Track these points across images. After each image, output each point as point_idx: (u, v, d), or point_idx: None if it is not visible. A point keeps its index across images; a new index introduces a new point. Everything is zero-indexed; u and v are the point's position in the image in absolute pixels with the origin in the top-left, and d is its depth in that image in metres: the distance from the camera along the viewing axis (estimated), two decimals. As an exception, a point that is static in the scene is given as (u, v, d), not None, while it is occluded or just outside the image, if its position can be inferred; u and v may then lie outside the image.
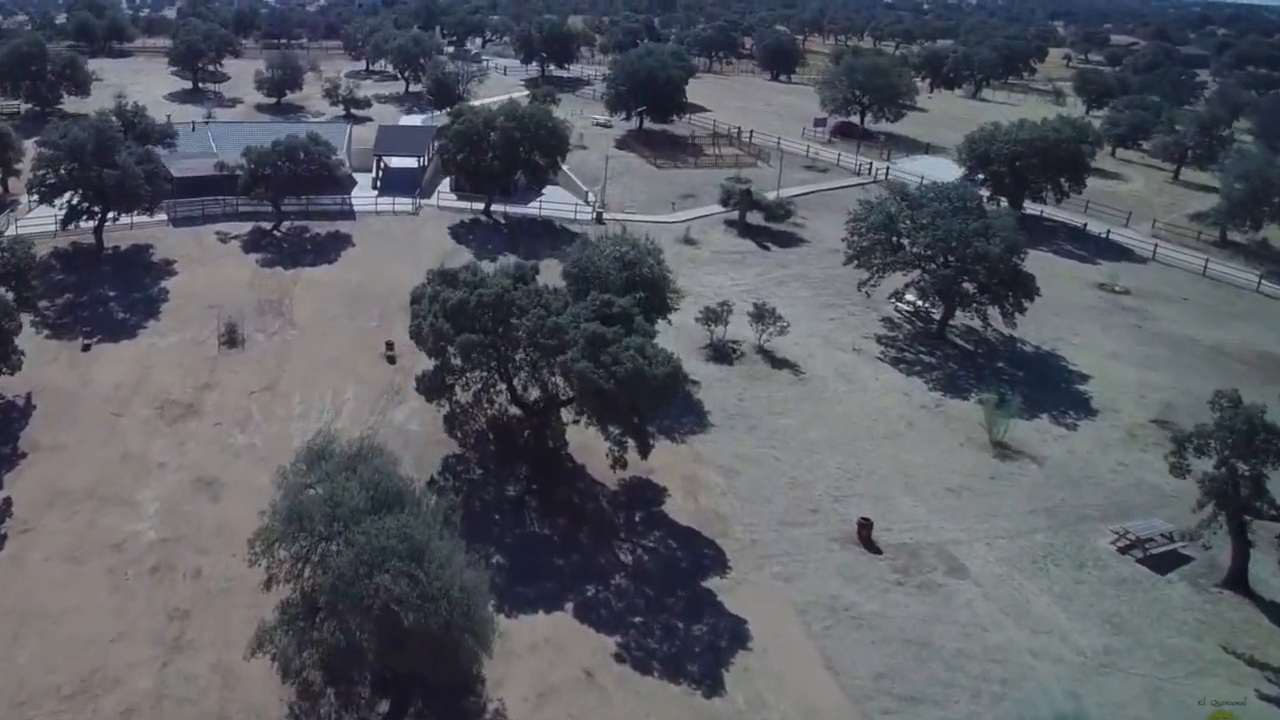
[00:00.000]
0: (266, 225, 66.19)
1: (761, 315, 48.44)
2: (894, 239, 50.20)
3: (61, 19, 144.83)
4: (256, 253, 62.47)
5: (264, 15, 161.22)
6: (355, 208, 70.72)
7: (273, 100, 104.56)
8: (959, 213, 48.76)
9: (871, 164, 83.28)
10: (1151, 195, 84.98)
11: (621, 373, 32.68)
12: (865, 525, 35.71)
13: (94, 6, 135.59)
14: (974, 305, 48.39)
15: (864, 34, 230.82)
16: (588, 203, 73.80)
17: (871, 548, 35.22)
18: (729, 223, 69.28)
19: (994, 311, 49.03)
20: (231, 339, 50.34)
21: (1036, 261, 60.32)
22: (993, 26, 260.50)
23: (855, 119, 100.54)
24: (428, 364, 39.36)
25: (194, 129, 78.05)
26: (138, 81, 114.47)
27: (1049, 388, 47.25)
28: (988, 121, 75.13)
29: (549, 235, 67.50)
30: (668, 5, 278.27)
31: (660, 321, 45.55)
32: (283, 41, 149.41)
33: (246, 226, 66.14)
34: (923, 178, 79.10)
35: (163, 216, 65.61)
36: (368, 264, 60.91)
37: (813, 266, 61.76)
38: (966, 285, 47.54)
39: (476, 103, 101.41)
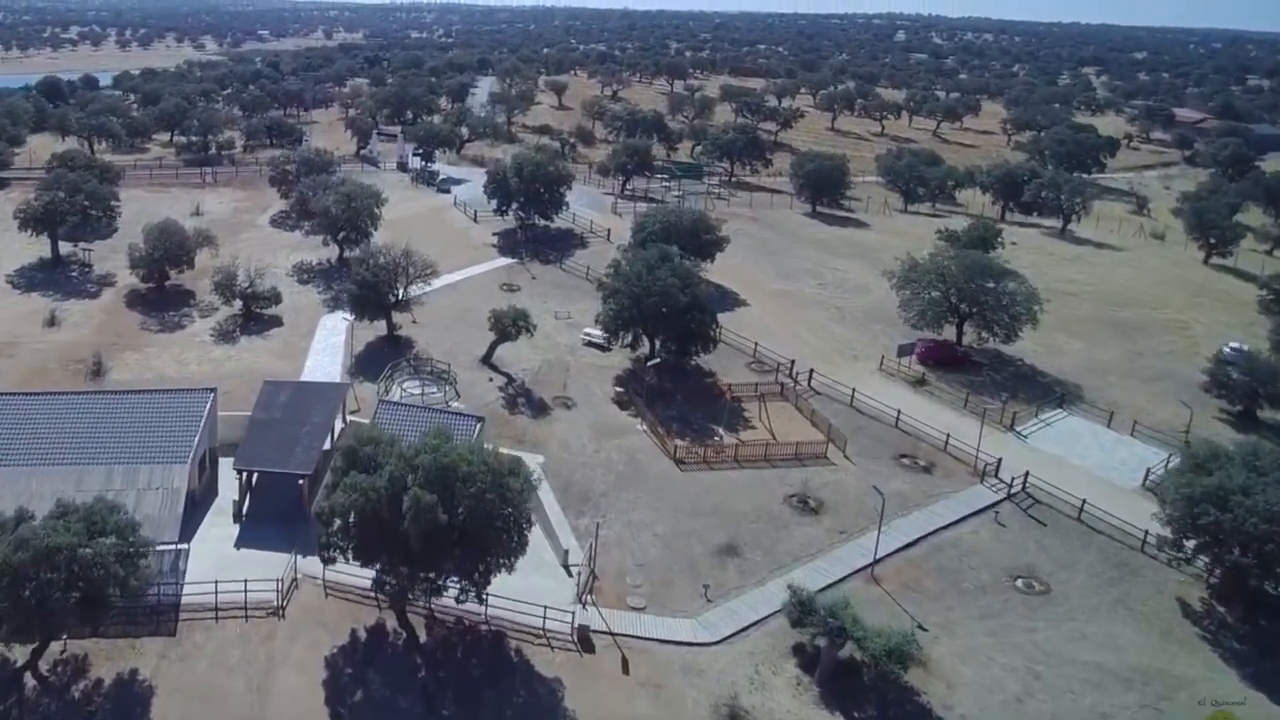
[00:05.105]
0: (20, 657, 38.88)
1: None
2: None
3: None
4: (-35, 760, 34.95)
5: (192, 113, 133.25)
6: (184, 595, 42.90)
7: (151, 285, 77.01)
8: None
9: (1000, 462, 54.96)
10: None
11: None
12: None
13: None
14: None
15: (901, 111, 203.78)
16: (567, 571, 46.13)
17: None
18: (801, 655, 41.24)
19: None
20: None
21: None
22: (1040, 98, 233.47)
23: (949, 332, 72.84)
24: None
25: (-35, 416, 50.50)
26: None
27: None
28: (1199, 449, 46.97)
29: (497, 679, 39.68)
30: (678, 70, 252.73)
31: None
32: (211, 154, 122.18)
33: (-17, 662, 38.80)
34: (1084, 502, 51.13)
35: None
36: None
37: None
38: None
39: (429, 287, 73.93)
